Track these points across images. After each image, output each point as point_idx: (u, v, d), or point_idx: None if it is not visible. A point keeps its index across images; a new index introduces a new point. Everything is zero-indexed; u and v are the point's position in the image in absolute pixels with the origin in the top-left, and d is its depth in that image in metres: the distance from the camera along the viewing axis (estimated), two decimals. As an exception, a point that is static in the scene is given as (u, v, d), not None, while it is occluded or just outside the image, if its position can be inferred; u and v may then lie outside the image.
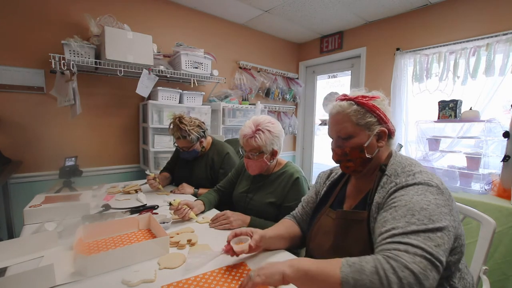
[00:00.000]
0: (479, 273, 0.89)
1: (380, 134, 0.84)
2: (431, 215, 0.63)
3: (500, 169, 1.85)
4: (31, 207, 1.20)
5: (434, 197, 0.67)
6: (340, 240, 0.84)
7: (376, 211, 0.77)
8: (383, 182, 0.80)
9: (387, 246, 0.60)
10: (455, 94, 2.39)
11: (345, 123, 0.83)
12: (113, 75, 2.22)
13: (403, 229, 0.61)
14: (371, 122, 0.82)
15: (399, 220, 0.64)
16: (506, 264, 1.62)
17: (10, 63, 1.91)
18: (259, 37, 3.42)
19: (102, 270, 0.81)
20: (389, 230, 0.64)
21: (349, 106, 0.83)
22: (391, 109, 2.65)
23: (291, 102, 3.83)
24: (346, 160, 0.86)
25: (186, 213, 1.24)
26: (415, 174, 0.75)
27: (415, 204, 0.65)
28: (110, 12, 2.13)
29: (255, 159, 1.30)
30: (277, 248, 0.98)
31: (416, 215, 0.63)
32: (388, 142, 0.87)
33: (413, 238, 0.59)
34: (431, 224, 0.61)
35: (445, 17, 2.50)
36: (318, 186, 1.09)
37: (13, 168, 1.82)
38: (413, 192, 0.69)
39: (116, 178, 2.40)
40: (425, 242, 0.58)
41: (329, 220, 0.91)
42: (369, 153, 0.83)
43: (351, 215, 0.84)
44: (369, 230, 0.78)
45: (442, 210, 0.65)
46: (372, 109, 0.82)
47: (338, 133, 0.85)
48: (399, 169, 0.80)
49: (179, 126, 1.64)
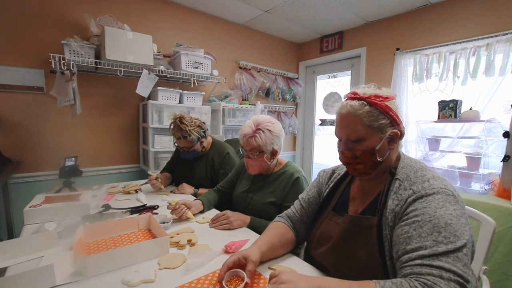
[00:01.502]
0: (479, 273, 0.89)
1: (392, 136, 0.79)
2: (455, 230, 0.62)
3: (500, 169, 1.85)
4: (31, 207, 1.20)
5: (453, 208, 0.66)
6: (346, 246, 0.80)
7: (392, 219, 0.73)
8: (395, 187, 0.76)
9: (419, 270, 0.59)
10: (455, 94, 2.39)
11: (356, 125, 0.77)
12: (113, 75, 2.22)
13: (432, 249, 0.60)
14: (384, 124, 0.77)
15: (425, 238, 0.62)
16: (506, 264, 1.62)
17: (10, 63, 1.91)
18: (259, 37, 3.42)
19: (102, 270, 0.81)
20: (416, 249, 0.62)
21: (361, 107, 0.77)
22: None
23: (291, 102, 3.83)
24: (356, 162, 0.80)
25: (184, 213, 1.24)
26: (429, 180, 0.72)
27: (439, 219, 0.64)
28: (110, 12, 2.13)
29: (256, 158, 1.30)
30: (272, 258, 0.92)
31: (442, 232, 0.62)
32: (398, 144, 0.83)
33: (444, 261, 0.58)
34: (458, 241, 0.60)
35: (445, 17, 2.50)
36: (320, 186, 1.02)
37: (13, 168, 1.82)
38: (435, 204, 0.67)
39: (116, 178, 2.40)
40: (455, 263, 0.58)
41: (334, 225, 0.86)
42: (380, 156, 0.79)
43: (360, 221, 0.79)
44: (378, 236, 0.74)
45: (462, 221, 0.65)
46: (385, 110, 0.77)
47: (349, 136, 0.80)
48: (411, 174, 0.76)
49: (179, 126, 1.64)
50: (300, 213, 1.02)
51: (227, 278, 0.75)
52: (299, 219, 1.01)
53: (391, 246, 0.72)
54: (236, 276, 0.77)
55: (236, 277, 0.77)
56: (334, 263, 0.83)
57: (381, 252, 0.73)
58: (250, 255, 0.79)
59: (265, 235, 0.94)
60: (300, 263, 0.92)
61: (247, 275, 0.75)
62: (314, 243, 0.91)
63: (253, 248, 0.84)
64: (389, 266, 0.72)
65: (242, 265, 0.78)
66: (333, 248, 0.83)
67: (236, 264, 0.78)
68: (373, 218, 0.76)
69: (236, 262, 0.77)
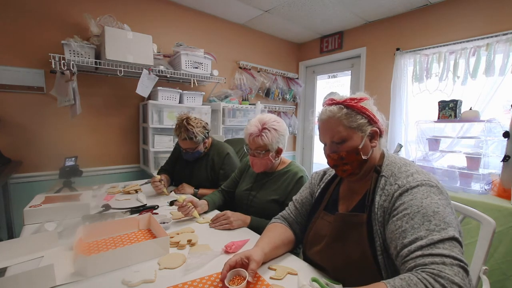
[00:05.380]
0: (479, 273, 0.89)
1: (372, 134, 0.84)
2: (444, 217, 0.65)
3: (500, 169, 1.85)
4: (31, 207, 1.20)
5: (438, 197, 0.70)
6: (339, 244, 0.82)
7: (381, 214, 0.76)
8: (381, 183, 0.80)
9: (422, 260, 0.61)
10: (455, 94, 2.39)
11: (337, 127, 0.83)
12: (113, 75, 2.22)
13: (428, 239, 0.62)
14: (363, 123, 0.82)
15: (419, 229, 0.65)
16: (506, 264, 1.62)
17: (10, 63, 1.91)
18: (259, 37, 3.42)
19: (102, 270, 0.81)
20: (413, 241, 0.64)
21: (339, 110, 0.83)
22: (391, 110, 2.65)
23: (291, 102, 3.83)
24: (343, 164, 0.85)
25: (190, 211, 1.26)
26: (413, 175, 0.76)
27: (427, 208, 0.67)
28: (110, 12, 2.13)
29: (261, 157, 1.32)
30: (274, 258, 0.93)
31: (432, 220, 0.65)
32: (379, 142, 0.88)
33: (442, 248, 0.61)
34: (449, 228, 0.63)
35: (445, 17, 2.50)
36: (312, 187, 1.06)
37: (13, 168, 1.82)
38: (420, 195, 0.70)
39: (116, 178, 2.40)
40: (452, 249, 0.60)
41: (326, 224, 0.89)
42: (365, 154, 0.83)
43: (350, 218, 0.82)
44: (368, 232, 0.77)
45: (448, 210, 0.68)
46: (361, 111, 0.82)
47: (332, 138, 0.85)
48: (395, 170, 0.80)
49: (186, 127, 1.60)
50: (295, 214, 1.05)
51: (229, 277, 0.75)
52: (294, 220, 1.04)
53: (382, 241, 0.74)
54: (238, 276, 0.77)
55: (238, 276, 0.77)
56: (329, 261, 0.84)
57: (372, 248, 0.75)
58: (253, 254, 0.80)
59: (265, 236, 0.96)
60: (300, 263, 0.93)
61: (249, 274, 0.75)
62: (309, 243, 0.93)
63: (255, 249, 0.85)
64: (380, 262, 0.74)
65: (245, 265, 0.79)
66: (327, 247, 0.85)
67: (239, 264, 0.78)
68: (362, 215, 0.80)
69: (238, 262, 0.78)
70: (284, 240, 0.97)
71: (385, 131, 0.88)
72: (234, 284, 0.73)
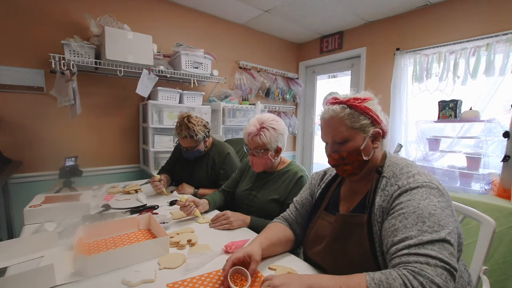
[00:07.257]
0: (479, 273, 0.89)
1: (374, 135, 0.83)
2: (439, 220, 0.64)
3: (500, 169, 1.85)
4: (31, 207, 1.20)
5: (438, 200, 0.69)
6: (339, 244, 0.82)
7: (380, 215, 0.76)
8: (382, 184, 0.79)
9: (407, 259, 0.61)
10: (455, 94, 2.39)
11: (340, 127, 0.82)
12: (113, 75, 2.22)
13: (418, 239, 0.62)
14: (365, 124, 0.81)
15: (411, 229, 0.65)
16: (506, 264, 1.62)
17: (10, 63, 1.91)
18: (259, 37, 3.42)
19: (102, 270, 0.81)
20: (403, 240, 0.64)
21: (342, 110, 0.81)
22: (391, 110, 2.64)
23: (291, 102, 3.83)
24: (344, 164, 0.84)
25: (192, 210, 1.26)
26: (414, 176, 0.75)
27: (423, 210, 0.66)
28: (110, 12, 2.13)
29: (260, 156, 1.32)
30: (272, 256, 0.94)
31: (426, 222, 0.64)
32: (382, 143, 0.87)
33: (430, 249, 0.60)
34: (443, 230, 0.63)
35: (445, 17, 2.50)
36: (312, 187, 1.06)
37: (13, 168, 1.82)
38: (418, 197, 0.69)
39: (116, 178, 2.40)
40: (441, 251, 0.60)
41: (326, 224, 0.89)
42: (366, 155, 0.82)
43: (350, 219, 0.82)
44: (369, 233, 0.77)
45: (446, 212, 0.67)
46: (365, 111, 0.81)
47: (334, 138, 0.84)
48: (397, 171, 0.79)
49: (187, 125, 1.62)
50: (295, 214, 1.05)
51: (231, 274, 0.76)
52: (294, 220, 1.04)
53: (381, 242, 0.74)
54: (238, 274, 0.78)
55: (238, 274, 0.77)
56: (329, 262, 0.84)
57: (372, 248, 0.75)
58: (254, 254, 0.81)
59: (264, 233, 0.97)
60: (300, 263, 0.93)
61: (250, 274, 0.76)
62: (309, 243, 0.93)
63: (255, 245, 0.85)
64: (381, 262, 0.74)
65: (246, 262, 0.80)
66: (327, 247, 0.85)
67: (241, 260, 0.79)
68: (363, 216, 0.79)
69: (241, 259, 0.79)
70: (281, 238, 0.97)
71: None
72: (237, 285, 0.74)
